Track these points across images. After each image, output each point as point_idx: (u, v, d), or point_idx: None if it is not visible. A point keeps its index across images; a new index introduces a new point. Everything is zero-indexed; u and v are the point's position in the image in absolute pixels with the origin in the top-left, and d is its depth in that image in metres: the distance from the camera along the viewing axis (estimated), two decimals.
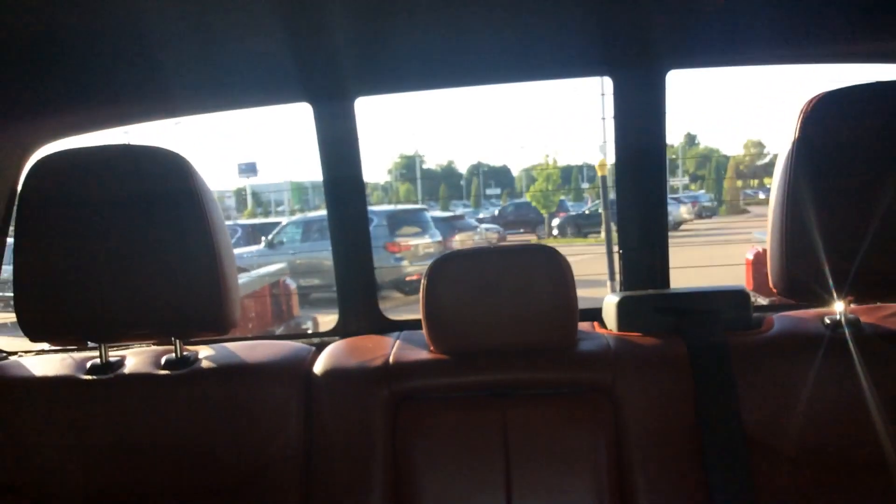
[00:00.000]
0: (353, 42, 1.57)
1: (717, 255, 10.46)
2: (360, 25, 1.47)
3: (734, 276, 6.90)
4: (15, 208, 1.74)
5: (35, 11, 1.19)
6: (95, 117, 1.82)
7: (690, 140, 42.82)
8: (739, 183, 32.33)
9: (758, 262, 6.25)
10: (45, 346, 1.82)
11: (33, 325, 1.43)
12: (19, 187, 1.44)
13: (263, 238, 14.31)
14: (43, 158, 1.42)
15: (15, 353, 1.82)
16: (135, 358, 1.61)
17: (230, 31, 1.40)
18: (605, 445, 1.47)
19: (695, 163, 41.36)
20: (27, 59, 1.39)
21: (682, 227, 21.70)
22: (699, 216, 24.76)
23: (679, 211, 22.37)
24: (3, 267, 1.85)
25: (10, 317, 1.58)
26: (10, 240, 1.73)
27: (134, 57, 1.47)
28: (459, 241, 14.98)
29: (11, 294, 1.42)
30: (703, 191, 33.16)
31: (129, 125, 1.90)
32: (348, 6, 1.35)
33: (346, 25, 1.46)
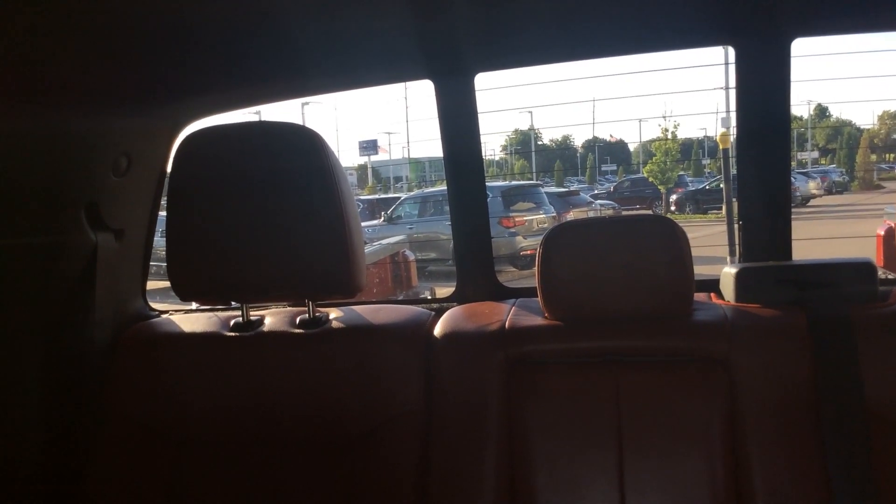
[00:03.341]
0: (474, 18, 1.60)
1: (846, 231, 9.94)
2: (482, 2, 1.50)
3: (863, 252, 6.53)
4: (167, 182, 1.90)
5: (185, 2, 1.30)
6: (235, 97, 1.94)
7: (821, 112, 40.49)
8: (874, 157, 30.34)
9: (889, 237, 5.90)
10: (193, 306, 1.99)
11: (183, 287, 1.56)
12: (170, 163, 1.58)
13: (383, 213, 14.65)
14: (190, 135, 1.54)
15: (166, 312, 1.99)
16: (272, 317, 1.74)
17: (358, 11, 1.46)
18: (719, 415, 1.47)
19: (825, 136, 39.12)
20: (176, 45, 1.50)
21: (811, 202, 20.68)
22: (829, 192, 23.44)
23: (807, 186, 21.27)
24: (156, 239, 2.02)
25: (162, 284, 1.74)
26: (161, 213, 1.89)
27: (270, 40, 1.56)
28: (573, 216, 14.83)
29: (164, 263, 1.56)
30: (833, 165, 31.34)
31: (263, 104, 2.03)
32: None
33: (467, 1, 1.50)
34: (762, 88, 1.77)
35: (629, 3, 1.58)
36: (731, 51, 1.79)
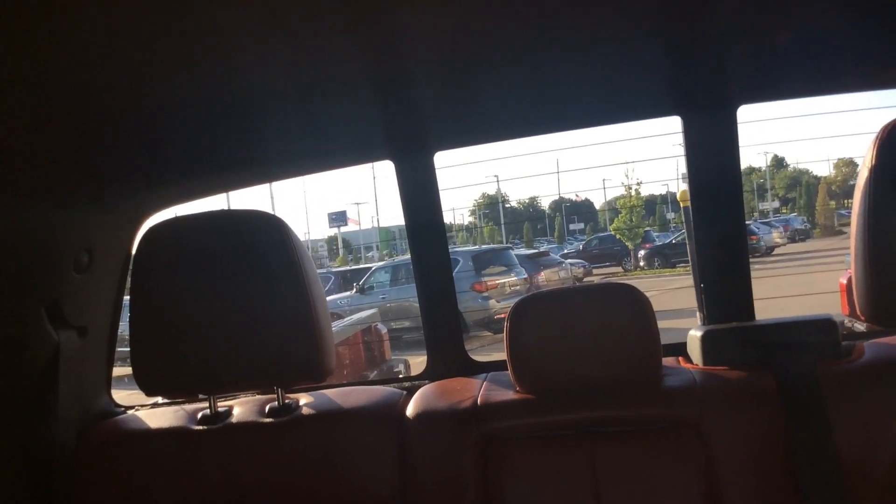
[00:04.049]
0: (432, 102, 1.65)
1: (812, 280, 10.12)
2: (439, 86, 1.53)
3: (832, 298, 6.63)
4: (130, 272, 1.88)
5: (147, 96, 1.31)
6: (200, 187, 1.95)
7: (778, 163, 41.58)
8: (833, 203, 31.15)
9: (852, 286, 5.96)
10: (159, 399, 1.95)
11: (148, 381, 1.52)
12: (133, 252, 1.57)
13: (355, 284, 14.63)
14: (153, 226, 1.53)
15: (132, 408, 1.95)
16: (241, 407, 1.71)
17: (318, 99, 1.49)
18: (696, 480, 1.47)
19: (784, 185, 40.13)
20: (137, 138, 1.51)
21: (776, 251, 21.04)
22: (792, 240, 23.96)
23: (770, 236, 21.73)
24: (121, 325, 1.99)
25: (127, 371, 1.71)
26: (125, 298, 1.87)
27: (235, 131, 1.59)
28: (545, 277, 14.90)
29: (128, 349, 1.53)
30: (794, 214, 32.10)
31: (227, 192, 2.04)
32: (429, 69, 1.42)
33: (426, 87, 1.53)
34: (711, 156, 1.82)
35: (580, 79, 1.62)
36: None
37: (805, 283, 9.89)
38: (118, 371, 2.04)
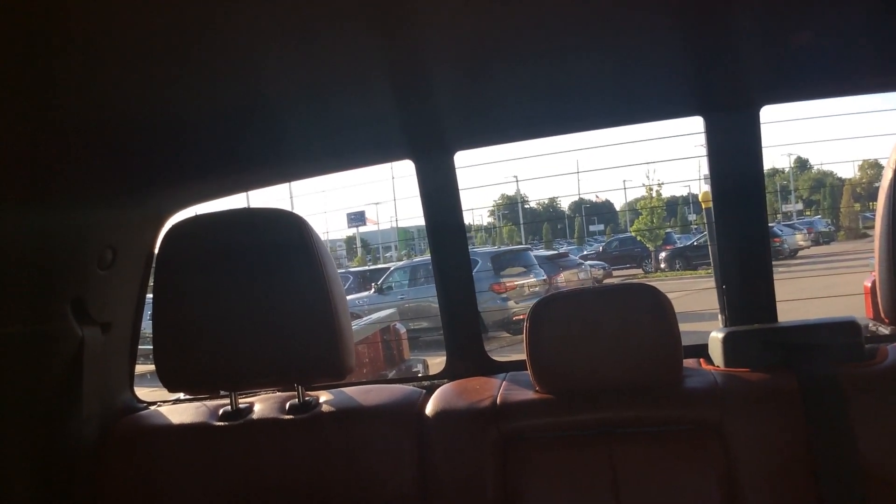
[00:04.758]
0: (453, 101, 1.65)
1: (836, 282, 10.02)
2: (459, 85, 1.54)
3: (856, 301, 6.55)
4: (153, 269, 1.91)
5: (170, 99, 1.33)
6: (221, 186, 1.97)
7: (802, 164, 41.16)
8: (857, 206, 30.74)
9: (876, 289, 5.88)
10: (181, 395, 1.97)
11: (171, 377, 1.55)
12: (156, 250, 1.59)
13: (373, 284, 14.65)
14: (176, 224, 1.56)
15: (154, 404, 1.98)
16: (262, 404, 1.73)
17: (340, 99, 1.50)
18: (716, 483, 1.46)
19: (808, 187, 39.71)
20: (162, 138, 1.53)
21: (799, 254, 20.83)
22: (816, 242, 23.69)
23: (794, 238, 21.50)
24: (143, 322, 2.01)
25: (149, 368, 1.73)
26: (149, 296, 1.90)
27: (257, 130, 1.60)
28: (564, 278, 14.85)
29: (151, 347, 1.55)
30: (818, 216, 31.74)
31: (251, 191, 2.06)
32: (449, 69, 1.43)
33: (446, 86, 1.54)
34: (733, 157, 1.81)
35: (602, 79, 1.62)
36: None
37: (829, 286, 9.80)
38: (140, 368, 2.06)
